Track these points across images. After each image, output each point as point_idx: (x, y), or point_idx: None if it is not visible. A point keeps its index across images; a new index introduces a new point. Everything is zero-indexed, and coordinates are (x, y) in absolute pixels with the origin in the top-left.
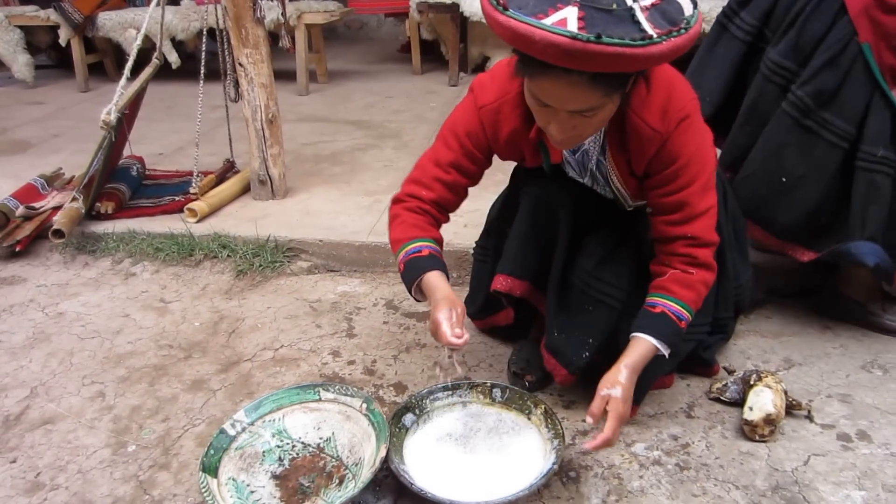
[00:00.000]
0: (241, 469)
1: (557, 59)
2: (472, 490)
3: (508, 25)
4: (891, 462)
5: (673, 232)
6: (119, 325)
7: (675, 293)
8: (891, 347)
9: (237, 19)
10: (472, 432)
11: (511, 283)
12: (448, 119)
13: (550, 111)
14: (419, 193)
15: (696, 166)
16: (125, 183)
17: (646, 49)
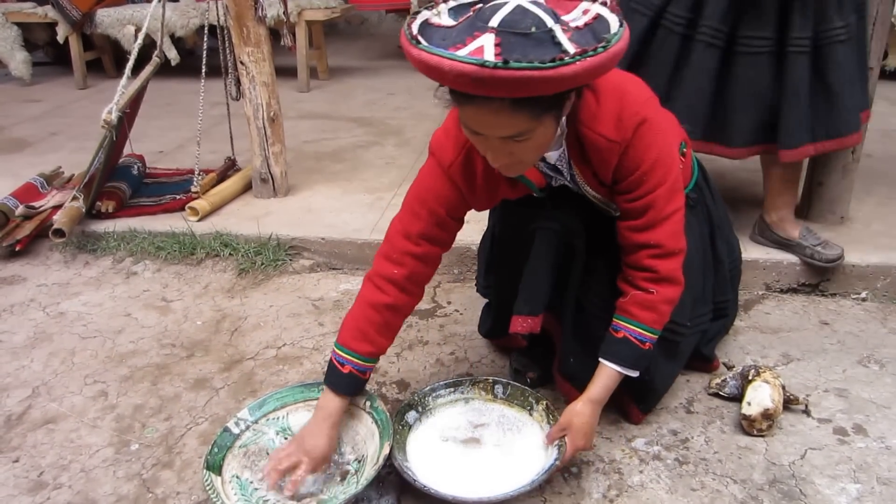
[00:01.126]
0: (245, 467)
1: (469, 88)
2: (475, 486)
3: (421, 59)
4: (886, 455)
5: (637, 238)
6: (121, 324)
7: (636, 316)
8: (887, 342)
9: (238, 18)
10: (475, 429)
11: (531, 322)
12: (414, 185)
13: (484, 139)
14: (390, 272)
15: (661, 169)
16: (126, 181)
17: (556, 71)
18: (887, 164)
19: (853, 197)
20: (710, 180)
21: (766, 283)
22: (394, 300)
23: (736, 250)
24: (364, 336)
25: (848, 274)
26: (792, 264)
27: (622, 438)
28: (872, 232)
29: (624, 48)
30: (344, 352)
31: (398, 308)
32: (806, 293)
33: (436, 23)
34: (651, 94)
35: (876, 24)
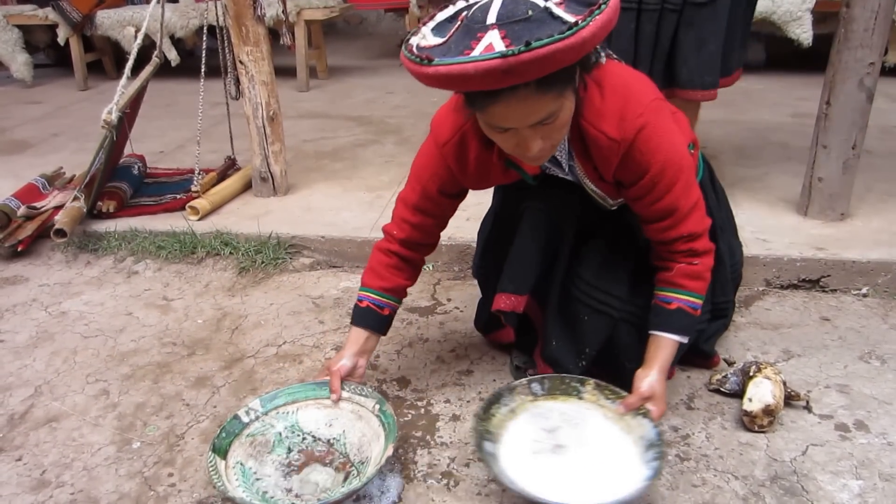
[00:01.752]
0: (250, 455)
1: (499, 82)
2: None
3: (440, 74)
4: (888, 451)
5: (668, 236)
6: (122, 323)
7: (685, 286)
8: (889, 338)
9: (237, 17)
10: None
11: (515, 301)
12: (416, 159)
13: (513, 133)
14: (391, 230)
15: (672, 170)
16: (126, 181)
17: (577, 36)
18: (888, 161)
19: (853, 193)
20: (716, 182)
21: (766, 279)
22: (398, 249)
23: (737, 254)
24: (377, 274)
25: (849, 270)
26: (792, 260)
27: None
28: (873, 228)
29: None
30: (362, 290)
31: (404, 257)
32: (806, 289)
33: (426, 45)
34: (657, 95)
35: (878, 18)
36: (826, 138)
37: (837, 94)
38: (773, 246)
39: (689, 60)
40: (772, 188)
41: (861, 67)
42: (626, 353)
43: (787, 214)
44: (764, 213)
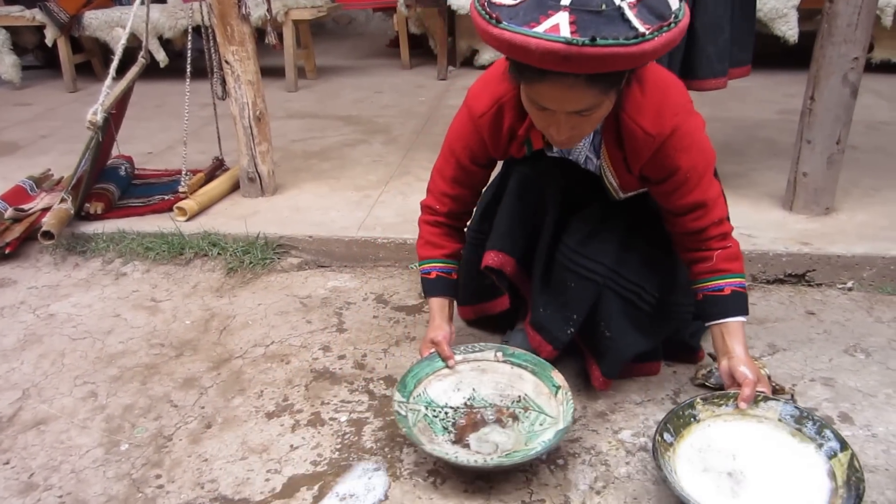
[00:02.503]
0: (430, 441)
1: (555, 65)
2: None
3: (503, 38)
4: (872, 443)
5: (699, 224)
6: (110, 325)
7: (730, 270)
8: (874, 331)
9: (222, 17)
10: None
11: (502, 258)
12: (448, 132)
13: (549, 114)
14: (434, 205)
15: (701, 166)
16: (114, 183)
17: (640, 47)
18: (873, 156)
19: (839, 188)
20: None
21: (752, 274)
22: (444, 220)
23: None
24: (433, 244)
25: (834, 264)
26: (778, 255)
27: (609, 430)
28: (858, 223)
29: (687, 23)
30: (425, 263)
31: (450, 225)
32: (792, 284)
33: (498, 2)
34: (689, 99)
35: (861, 13)
36: (810, 133)
37: (821, 89)
38: (759, 241)
39: (707, 49)
40: (758, 184)
41: (845, 63)
42: (607, 321)
43: (772, 210)
44: (750, 209)
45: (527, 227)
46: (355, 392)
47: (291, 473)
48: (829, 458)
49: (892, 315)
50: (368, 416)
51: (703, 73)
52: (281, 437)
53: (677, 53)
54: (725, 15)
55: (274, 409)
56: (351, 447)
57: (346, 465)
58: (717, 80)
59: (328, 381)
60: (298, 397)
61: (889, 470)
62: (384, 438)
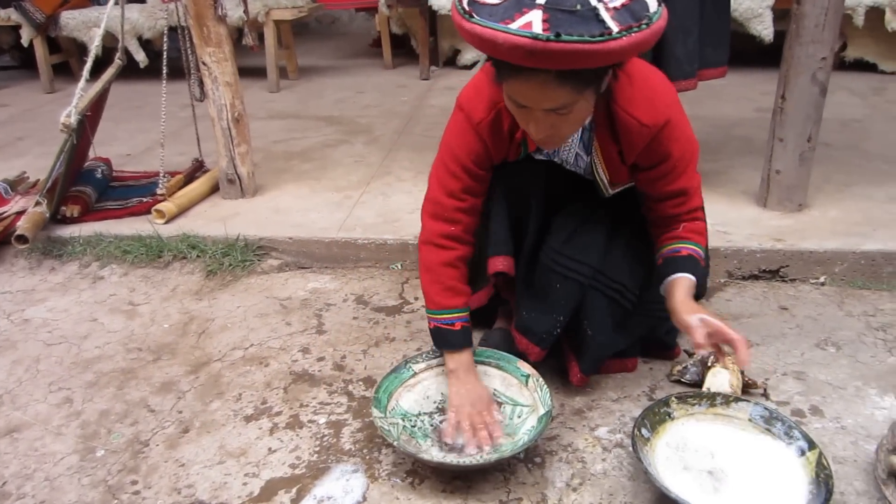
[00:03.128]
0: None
1: (521, 60)
2: None
3: (474, 32)
4: (841, 435)
5: (679, 210)
6: (87, 329)
7: (692, 238)
8: (844, 325)
9: (198, 18)
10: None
11: (508, 262)
12: (444, 142)
13: (528, 111)
14: (448, 230)
15: (688, 155)
16: (91, 185)
17: (604, 45)
18: (845, 153)
19: (811, 185)
20: None
21: (727, 270)
22: (462, 252)
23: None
24: (455, 291)
25: (807, 260)
26: (752, 252)
27: (585, 428)
28: (830, 219)
29: (663, 26)
30: (447, 313)
31: (466, 257)
32: (766, 279)
33: (483, 0)
34: (675, 89)
35: (828, 14)
36: (782, 132)
37: (792, 88)
38: (734, 238)
39: (675, 51)
40: (734, 181)
41: (813, 62)
42: (590, 319)
43: (747, 206)
44: (726, 206)
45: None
46: (334, 394)
47: (269, 477)
48: (799, 457)
49: (863, 309)
50: (347, 418)
51: (673, 74)
52: (259, 440)
53: (646, 55)
54: (694, 18)
55: (252, 412)
56: (329, 449)
57: (325, 467)
58: (686, 82)
59: (307, 384)
60: (277, 400)
61: (857, 461)
62: (363, 440)
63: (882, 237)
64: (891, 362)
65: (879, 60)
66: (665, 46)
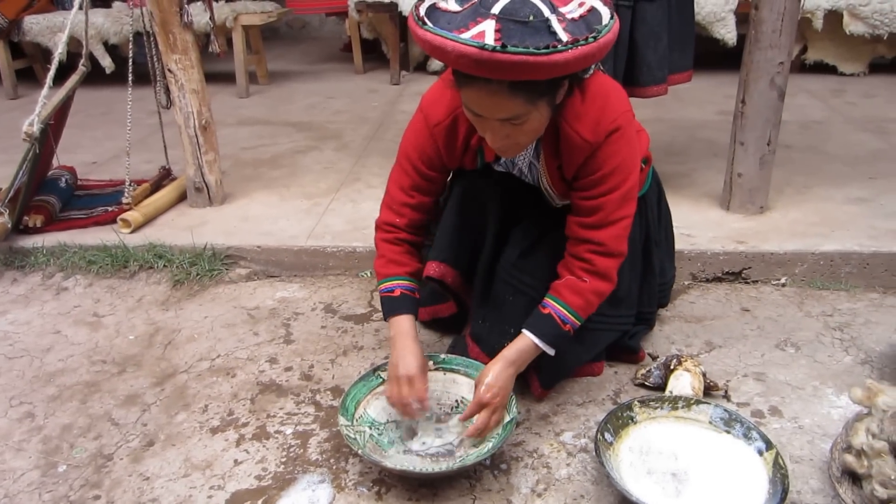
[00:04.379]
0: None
1: (469, 69)
2: None
3: (426, 38)
4: (798, 434)
5: (583, 234)
6: (49, 342)
7: (564, 298)
8: (803, 325)
9: (164, 24)
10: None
11: (443, 269)
12: (403, 139)
13: (484, 120)
14: (393, 220)
15: (619, 176)
16: (54, 195)
17: (549, 57)
18: (805, 155)
19: (772, 187)
20: (662, 200)
21: (691, 273)
22: (405, 237)
23: (668, 275)
24: (396, 262)
25: (768, 261)
26: (715, 254)
27: (550, 433)
28: (791, 220)
29: (612, 39)
30: (388, 281)
31: (411, 242)
32: (729, 281)
33: (443, 7)
34: (629, 108)
35: (784, 20)
36: (743, 135)
37: (751, 92)
38: (698, 241)
39: (647, 58)
40: (697, 184)
41: (771, 67)
42: None
43: (710, 209)
44: (690, 209)
45: (468, 240)
46: (301, 404)
47: (235, 489)
48: (758, 457)
49: (821, 309)
50: (314, 428)
51: (645, 80)
52: (225, 452)
53: (620, 63)
54: (663, 24)
55: (219, 423)
56: (296, 460)
57: (291, 478)
58: (657, 87)
59: (274, 394)
60: (244, 411)
61: (813, 460)
62: (330, 450)
63: (840, 238)
64: (847, 362)
65: (839, 63)
66: (637, 53)
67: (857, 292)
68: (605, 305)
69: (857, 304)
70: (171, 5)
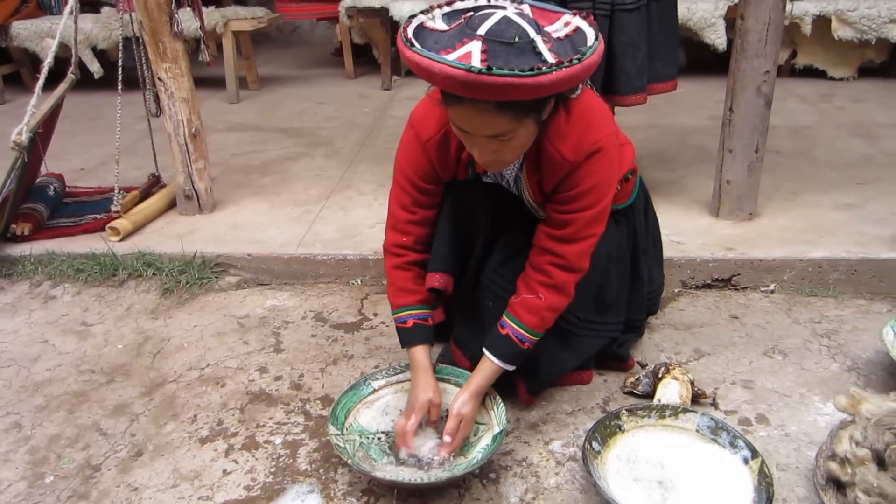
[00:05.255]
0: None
1: (456, 90)
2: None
3: (413, 59)
4: (785, 442)
5: (549, 245)
6: (37, 351)
7: (520, 317)
8: (791, 332)
9: (153, 34)
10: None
11: (445, 280)
12: (397, 156)
13: (471, 136)
14: (400, 241)
15: (595, 196)
16: (42, 202)
17: (535, 79)
18: (794, 160)
19: (762, 193)
20: (650, 209)
21: (681, 280)
22: (413, 258)
23: (657, 283)
24: (406, 290)
25: (756, 268)
26: (705, 261)
27: (540, 442)
28: (779, 226)
29: (597, 61)
30: (400, 311)
31: (419, 263)
32: (719, 288)
33: (430, 27)
34: (614, 129)
35: (770, 30)
36: (731, 143)
37: (738, 101)
38: (688, 248)
39: (625, 67)
40: (688, 191)
41: (758, 76)
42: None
43: (700, 216)
44: (680, 216)
45: (460, 248)
46: (291, 413)
47: (223, 500)
48: (744, 465)
49: (809, 316)
50: (304, 438)
51: (623, 89)
52: (214, 462)
53: (599, 71)
54: (642, 35)
55: (208, 433)
56: (285, 470)
57: (280, 488)
58: (636, 96)
59: (264, 403)
60: (233, 421)
61: (799, 468)
62: (319, 460)
63: (828, 244)
64: (834, 369)
65: (828, 67)
66: (615, 62)
67: (845, 299)
68: (592, 312)
69: (845, 311)
70: (161, 14)
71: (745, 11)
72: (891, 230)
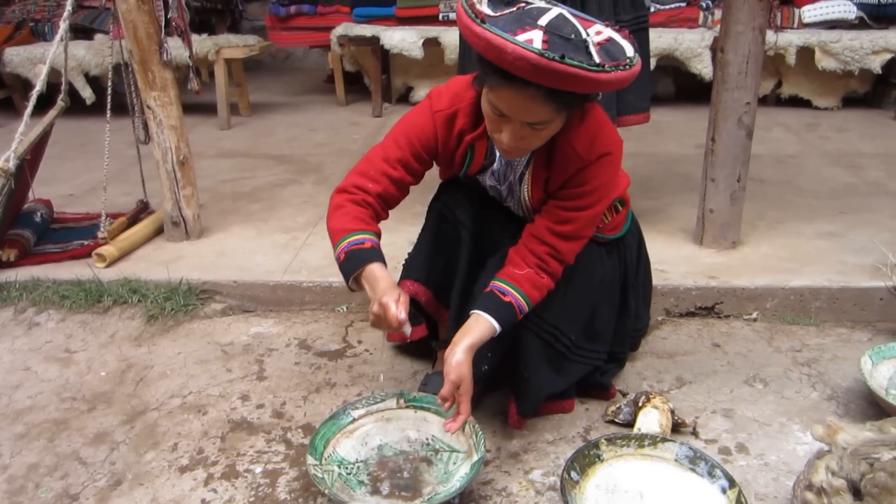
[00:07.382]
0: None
1: (525, 72)
2: None
3: (484, 36)
4: (764, 472)
5: (549, 238)
6: (19, 378)
7: (526, 291)
8: (772, 361)
9: (142, 62)
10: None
11: (416, 287)
12: (401, 120)
13: (505, 120)
14: (365, 186)
15: (597, 196)
16: (29, 228)
17: (598, 75)
18: (779, 189)
19: (746, 221)
20: (641, 246)
21: (665, 308)
22: (373, 202)
23: (642, 322)
24: (363, 221)
25: (739, 296)
26: (688, 289)
27: (520, 471)
28: (762, 255)
29: (638, 71)
30: (355, 235)
31: (377, 211)
32: (702, 316)
33: (482, 11)
34: (622, 141)
35: (749, 62)
36: (714, 172)
37: (720, 131)
38: (671, 276)
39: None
40: (673, 219)
41: (739, 107)
42: (525, 361)
43: (684, 244)
44: (664, 244)
45: (441, 261)
46: (272, 442)
47: None
48: (722, 495)
49: (790, 344)
50: (284, 467)
51: (629, 109)
52: (193, 491)
53: None
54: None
55: (188, 462)
56: (265, 499)
57: None
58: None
59: (245, 432)
60: (214, 449)
61: (777, 497)
62: (298, 489)
63: (810, 273)
64: (814, 398)
65: (813, 97)
66: None
67: (826, 327)
68: (582, 338)
69: (826, 340)
70: (151, 43)
71: (725, 45)
72: (872, 259)
